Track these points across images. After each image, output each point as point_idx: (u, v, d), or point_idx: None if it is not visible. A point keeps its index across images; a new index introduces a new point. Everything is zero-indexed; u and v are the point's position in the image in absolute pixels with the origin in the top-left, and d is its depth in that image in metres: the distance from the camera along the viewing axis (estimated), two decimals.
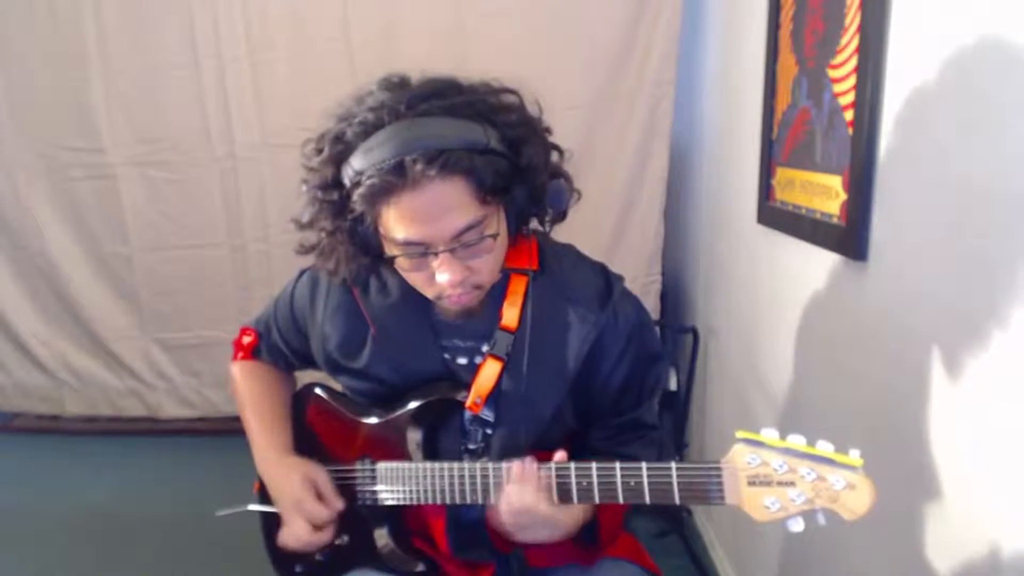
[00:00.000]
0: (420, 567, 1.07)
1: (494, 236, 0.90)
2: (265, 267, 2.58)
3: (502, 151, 0.88)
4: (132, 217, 2.59)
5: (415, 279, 0.95)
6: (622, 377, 1.05)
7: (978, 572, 0.89)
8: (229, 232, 2.58)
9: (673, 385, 2.28)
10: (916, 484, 0.99)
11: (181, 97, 2.44)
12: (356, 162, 0.87)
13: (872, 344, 1.13)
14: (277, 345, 1.20)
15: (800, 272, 1.40)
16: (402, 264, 0.93)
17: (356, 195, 0.87)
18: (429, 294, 0.96)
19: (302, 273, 1.17)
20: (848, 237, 1.14)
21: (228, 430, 1.22)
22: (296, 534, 1.05)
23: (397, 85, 0.90)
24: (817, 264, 1.29)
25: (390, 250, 0.92)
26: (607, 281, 1.05)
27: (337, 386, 1.19)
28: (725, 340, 1.98)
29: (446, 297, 0.94)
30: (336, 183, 0.90)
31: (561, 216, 1.01)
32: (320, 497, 1.05)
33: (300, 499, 1.04)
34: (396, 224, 0.88)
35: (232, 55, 2.39)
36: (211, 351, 2.69)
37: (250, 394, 1.20)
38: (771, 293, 1.58)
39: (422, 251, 0.90)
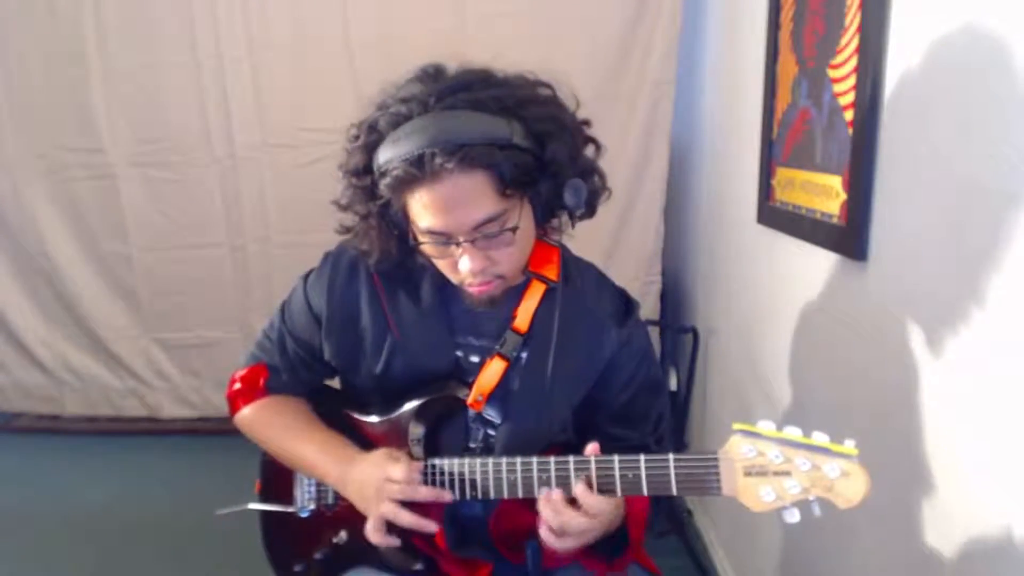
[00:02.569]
0: (418, 565, 1.07)
1: (513, 229, 0.92)
2: (265, 267, 2.58)
3: (526, 146, 0.89)
4: (132, 217, 2.59)
5: (441, 265, 0.98)
6: (627, 399, 1.07)
7: (978, 572, 0.89)
8: (229, 232, 2.58)
9: (673, 385, 2.29)
10: (916, 484, 0.99)
11: (181, 97, 2.44)
12: (384, 152, 0.90)
13: (872, 344, 1.13)
14: (297, 355, 1.13)
15: (800, 272, 1.40)
16: (428, 250, 0.95)
17: (382, 184, 0.91)
18: (454, 280, 0.98)
19: (308, 274, 1.15)
20: (848, 237, 1.14)
21: (228, 430, 1.21)
22: (391, 492, 0.97)
23: (431, 76, 0.92)
24: (817, 264, 1.29)
25: (417, 236, 0.95)
26: (627, 304, 1.09)
27: (335, 385, 1.19)
28: (725, 340, 1.98)
29: (468, 285, 0.97)
30: (367, 170, 0.94)
31: (589, 212, 1.01)
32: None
33: (386, 462, 0.99)
34: (420, 213, 0.91)
35: (232, 55, 2.39)
36: (211, 351, 2.69)
37: (286, 425, 1.12)
38: (771, 293, 1.58)
39: (444, 240, 0.92)
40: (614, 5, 2.20)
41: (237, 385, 1.15)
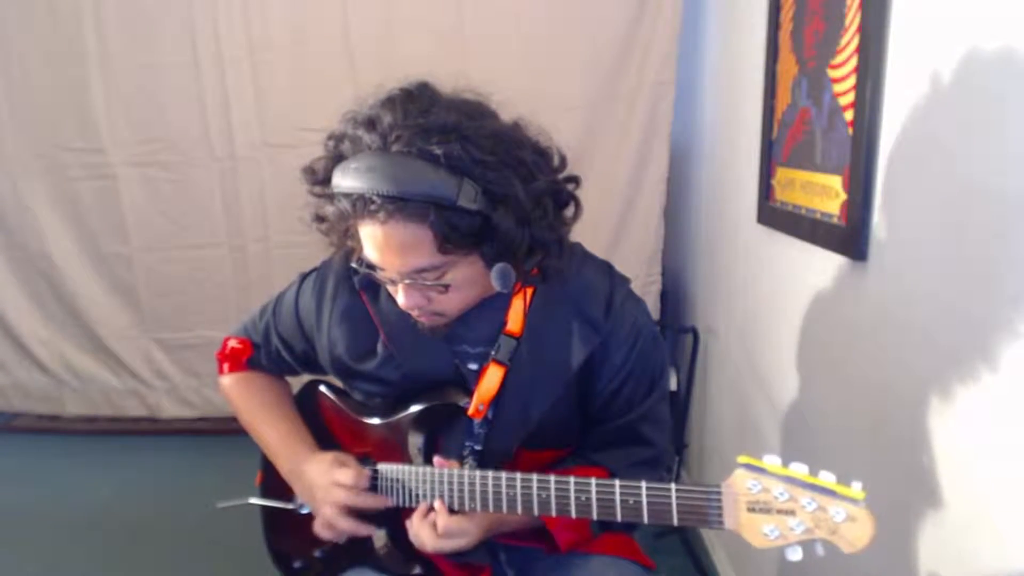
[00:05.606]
0: (417, 569, 1.07)
1: (446, 286, 0.92)
2: (265, 267, 2.58)
3: (474, 208, 0.85)
4: (132, 217, 2.58)
5: (388, 288, 0.99)
6: (619, 383, 1.05)
7: (978, 571, 0.89)
8: (229, 232, 2.58)
9: (673, 385, 2.29)
10: (915, 484, 0.99)
11: (181, 97, 2.44)
12: (336, 176, 0.89)
13: (872, 344, 1.13)
14: (278, 351, 1.19)
15: (800, 272, 1.39)
16: (374, 274, 0.96)
17: (328, 210, 0.92)
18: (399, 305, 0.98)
19: (304, 277, 1.16)
20: (848, 237, 1.14)
21: (228, 430, 1.22)
22: (337, 499, 1.02)
23: (405, 104, 0.88)
24: (817, 264, 1.29)
25: (362, 258, 0.95)
26: (611, 286, 1.05)
27: (339, 384, 1.19)
28: (725, 340, 1.98)
29: (411, 312, 0.97)
30: (326, 180, 0.93)
31: (541, 278, 0.99)
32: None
33: (332, 468, 1.04)
34: (363, 241, 0.92)
35: (232, 55, 2.38)
36: (211, 351, 2.65)
37: (257, 403, 1.19)
38: (771, 293, 1.58)
39: (383, 272, 0.93)
40: (614, 5, 2.20)
41: (229, 348, 1.24)
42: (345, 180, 0.87)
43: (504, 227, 0.87)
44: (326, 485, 1.03)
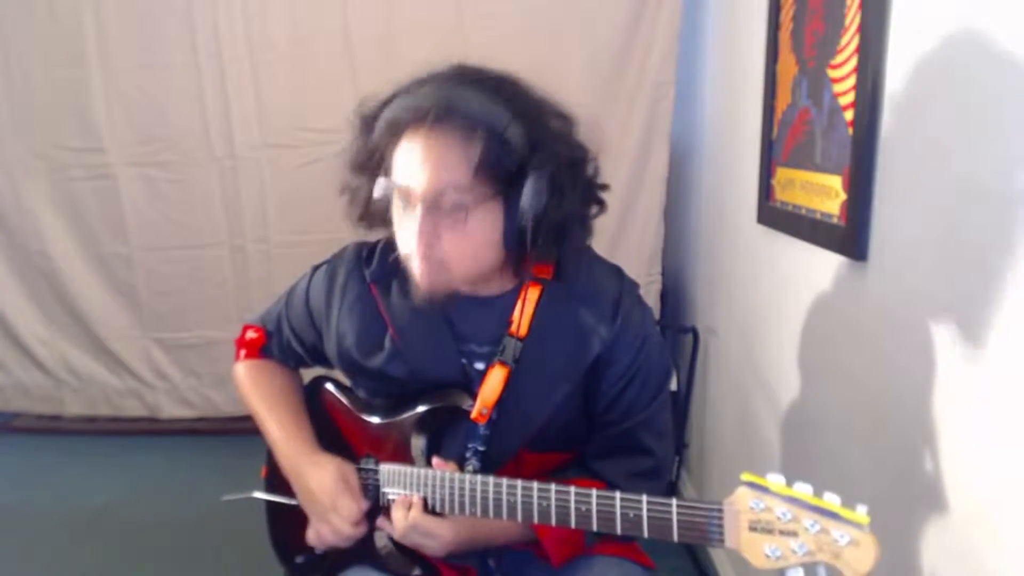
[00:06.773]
0: (417, 570, 1.07)
1: (466, 209, 0.90)
2: (265, 267, 2.58)
3: (518, 147, 0.89)
4: (132, 217, 2.59)
5: (399, 236, 0.98)
6: (623, 387, 1.04)
7: (978, 571, 0.89)
8: (229, 232, 2.58)
9: (673, 385, 2.28)
10: (915, 484, 0.99)
11: (181, 97, 2.45)
12: (391, 104, 0.94)
13: (872, 344, 1.13)
14: (289, 342, 1.19)
15: (800, 272, 1.40)
16: (396, 209, 0.96)
17: (377, 126, 0.94)
18: (404, 251, 0.97)
19: (316, 269, 1.16)
20: (848, 237, 1.14)
21: (228, 430, 1.23)
22: (335, 527, 1.03)
23: (452, 68, 0.95)
24: (817, 264, 1.29)
25: (389, 190, 0.96)
26: (620, 289, 1.05)
27: (346, 381, 1.19)
28: (725, 340, 1.98)
29: (413, 263, 0.96)
30: (374, 123, 0.96)
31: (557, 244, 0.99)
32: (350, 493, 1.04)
33: (336, 491, 1.03)
34: (398, 166, 0.93)
35: (232, 55, 2.39)
36: (211, 351, 2.69)
37: (264, 393, 1.18)
38: (771, 293, 1.58)
39: (406, 200, 0.93)
40: (614, 5, 2.21)
41: (246, 336, 1.24)
42: (404, 99, 0.92)
43: (536, 182, 0.89)
44: (324, 507, 1.03)
